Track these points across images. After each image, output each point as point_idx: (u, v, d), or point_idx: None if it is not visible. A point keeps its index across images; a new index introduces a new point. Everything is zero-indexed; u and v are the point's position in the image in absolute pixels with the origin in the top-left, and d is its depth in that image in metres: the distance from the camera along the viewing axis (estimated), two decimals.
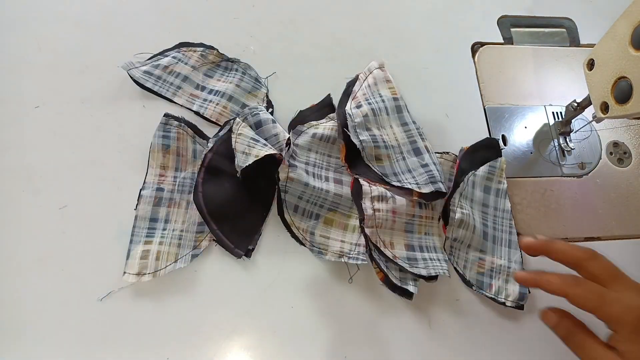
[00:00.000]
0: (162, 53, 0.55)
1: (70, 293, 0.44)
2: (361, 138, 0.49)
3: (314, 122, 0.52)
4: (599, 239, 0.51)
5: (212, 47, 0.56)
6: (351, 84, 0.55)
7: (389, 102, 0.54)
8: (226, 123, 0.51)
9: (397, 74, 0.58)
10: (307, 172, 0.48)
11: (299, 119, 0.52)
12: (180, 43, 0.56)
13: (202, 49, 0.56)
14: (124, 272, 0.43)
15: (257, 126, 0.49)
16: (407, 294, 0.45)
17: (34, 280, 0.45)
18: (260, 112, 0.50)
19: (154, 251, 0.45)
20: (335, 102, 0.54)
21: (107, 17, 0.57)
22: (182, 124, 0.50)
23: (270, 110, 0.53)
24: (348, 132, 0.49)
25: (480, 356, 0.45)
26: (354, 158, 0.50)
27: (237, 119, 0.49)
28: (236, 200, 0.47)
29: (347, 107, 0.52)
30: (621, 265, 0.51)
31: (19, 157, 0.49)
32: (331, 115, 0.53)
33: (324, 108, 0.54)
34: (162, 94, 0.53)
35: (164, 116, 0.50)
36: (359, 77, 0.55)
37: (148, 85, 0.53)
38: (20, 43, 0.55)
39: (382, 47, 0.60)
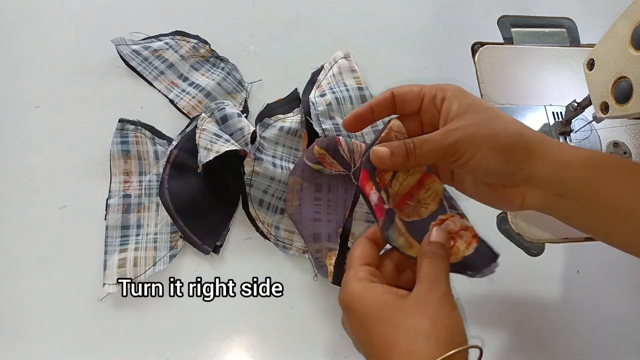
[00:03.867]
0: (157, 37, 0.56)
1: (70, 293, 0.44)
2: (324, 127, 0.49)
3: (281, 115, 0.53)
4: None
5: (205, 42, 0.56)
6: (316, 73, 0.55)
7: (354, 91, 0.54)
8: (193, 119, 0.51)
9: (397, 74, 0.58)
10: (274, 165, 0.48)
11: (266, 112, 0.53)
12: (176, 31, 0.56)
13: (195, 41, 0.56)
14: (104, 284, 0.43)
15: (223, 120, 0.49)
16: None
17: (34, 280, 0.45)
18: (226, 107, 0.50)
19: (131, 258, 0.45)
20: (300, 82, 0.54)
21: (107, 17, 0.57)
22: (139, 127, 0.50)
23: (245, 115, 0.53)
24: (311, 121, 0.49)
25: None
26: None
27: (203, 114, 0.49)
28: (203, 196, 0.47)
29: (311, 96, 0.52)
30: (621, 265, 0.51)
31: (19, 157, 0.49)
32: (298, 109, 0.54)
33: (291, 102, 0.54)
34: (144, 76, 0.54)
35: (118, 122, 0.49)
36: (324, 66, 0.56)
37: (133, 64, 0.53)
38: (20, 43, 0.55)
39: (382, 47, 0.60)
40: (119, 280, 0.43)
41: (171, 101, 0.53)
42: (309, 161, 0.46)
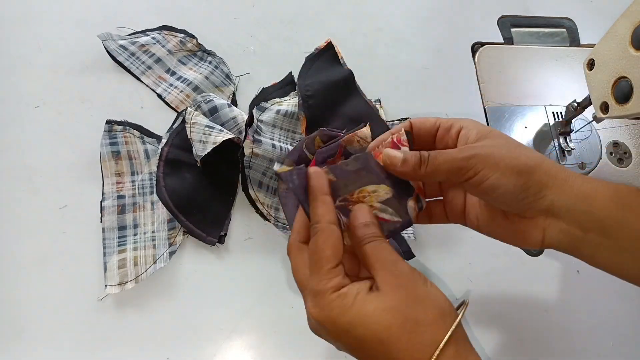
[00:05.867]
0: (144, 32, 0.56)
1: (70, 293, 0.44)
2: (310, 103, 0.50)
3: (277, 99, 0.53)
4: None
5: (192, 36, 0.56)
6: (310, 59, 0.55)
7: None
8: (179, 114, 0.51)
9: (398, 74, 0.58)
10: (273, 146, 0.48)
11: (261, 97, 0.53)
12: (163, 26, 0.56)
13: (182, 35, 0.56)
14: (105, 285, 0.43)
15: (212, 112, 0.49)
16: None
17: (34, 281, 0.45)
18: (214, 99, 0.50)
19: (130, 258, 0.45)
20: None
21: (107, 17, 0.57)
22: (127, 127, 0.50)
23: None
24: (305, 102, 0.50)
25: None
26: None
27: (189, 108, 0.49)
28: (200, 189, 0.48)
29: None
30: None
31: (19, 157, 0.49)
32: (294, 92, 0.54)
33: (286, 86, 0.55)
34: (131, 71, 0.54)
35: (106, 123, 0.49)
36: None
37: (120, 59, 0.53)
38: (20, 43, 0.55)
39: (382, 47, 0.60)
40: (122, 283, 0.43)
41: (159, 95, 0.53)
42: (307, 150, 0.46)
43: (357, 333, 0.26)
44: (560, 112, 0.57)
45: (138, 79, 0.54)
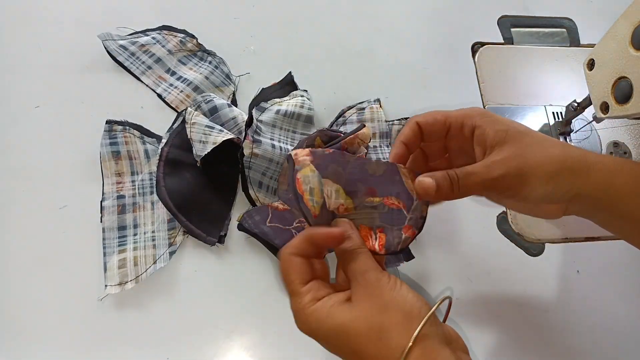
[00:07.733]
0: (144, 31, 0.56)
1: (70, 293, 0.44)
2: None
3: (277, 100, 0.53)
4: (599, 239, 0.51)
5: (192, 36, 0.56)
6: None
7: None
8: (179, 114, 0.51)
9: (398, 74, 0.58)
10: (273, 146, 0.48)
11: (261, 97, 0.53)
12: (163, 25, 0.56)
13: (182, 35, 0.56)
14: (105, 285, 0.43)
15: (212, 112, 0.49)
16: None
17: (34, 280, 0.45)
18: (214, 99, 0.50)
19: (131, 258, 0.45)
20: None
21: (107, 18, 0.57)
22: (127, 127, 0.50)
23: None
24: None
25: (476, 357, 0.45)
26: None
27: (189, 108, 0.49)
28: (200, 189, 0.48)
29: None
30: (621, 265, 0.51)
31: (19, 157, 0.49)
32: (294, 92, 0.54)
33: (286, 86, 0.55)
34: (132, 71, 0.54)
35: (106, 123, 0.49)
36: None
37: (120, 59, 0.53)
38: (20, 43, 0.55)
39: (382, 47, 0.60)
40: (122, 283, 0.43)
41: (159, 95, 0.53)
42: None
43: (335, 343, 0.28)
44: (560, 112, 0.57)
45: (138, 79, 0.54)
